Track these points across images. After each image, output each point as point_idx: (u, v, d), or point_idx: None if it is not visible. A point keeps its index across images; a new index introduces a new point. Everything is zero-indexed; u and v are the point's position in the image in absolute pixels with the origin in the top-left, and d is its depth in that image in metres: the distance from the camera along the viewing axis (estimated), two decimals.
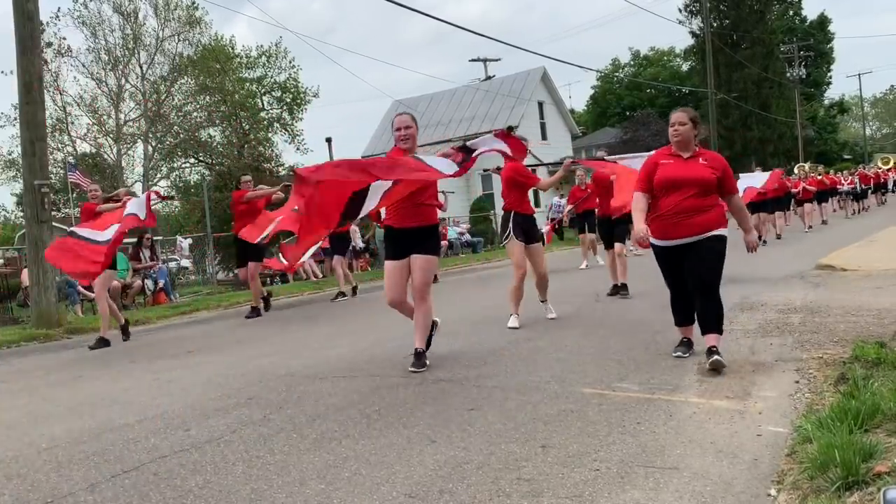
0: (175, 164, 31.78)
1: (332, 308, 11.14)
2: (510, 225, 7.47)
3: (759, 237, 16.16)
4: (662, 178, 5.15)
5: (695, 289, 5.13)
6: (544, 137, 36.19)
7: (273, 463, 3.69)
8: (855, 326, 6.07)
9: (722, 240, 5.09)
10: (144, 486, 3.48)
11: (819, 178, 22.25)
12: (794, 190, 20.38)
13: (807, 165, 25.39)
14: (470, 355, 6.08)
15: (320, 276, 17.54)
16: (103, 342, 8.48)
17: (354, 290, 12.41)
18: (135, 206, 8.54)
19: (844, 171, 31.39)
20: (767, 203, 16.93)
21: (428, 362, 5.68)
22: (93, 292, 14.73)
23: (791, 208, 21.43)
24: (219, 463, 3.75)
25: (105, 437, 4.38)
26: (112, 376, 6.55)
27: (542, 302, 7.81)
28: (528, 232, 7.43)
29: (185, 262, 21.58)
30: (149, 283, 14.78)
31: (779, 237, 17.71)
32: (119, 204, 8.95)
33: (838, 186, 26.51)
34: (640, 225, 5.19)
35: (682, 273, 5.19)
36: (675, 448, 3.51)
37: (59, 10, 32.09)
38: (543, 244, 7.23)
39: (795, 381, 4.58)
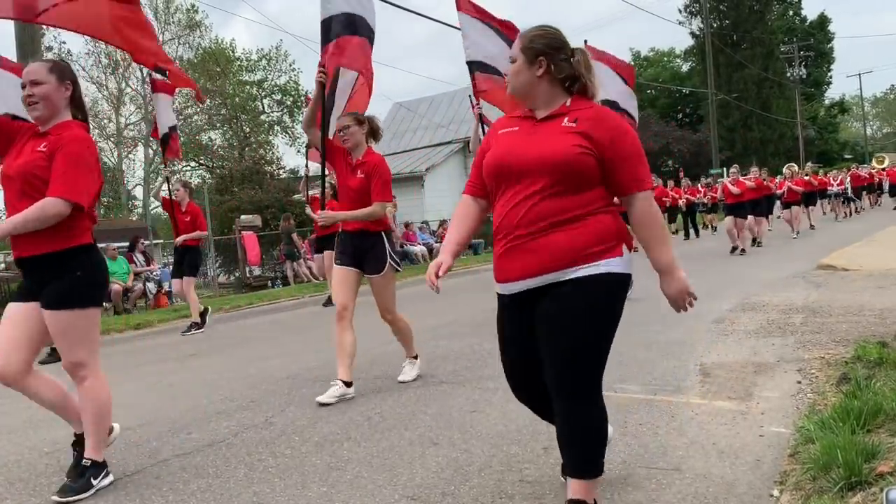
0: (176, 168, 31.83)
1: (332, 312, 11.12)
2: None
3: (737, 248, 14.50)
4: (489, 163, 2.74)
5: (549, 386, 2.67)
6: None
7: (275, 466, 3.69)
8: (857, 326, 6.06)
9: (610, 283, 2.58)
10: (146, 490, 3.48)
11: (806, 178, 20.70)
12: (778, 191, 19.01)
13: (802, 166, 24.81)
14: (471, 357, 6.08)
15: (321, 278, 17.54)
16: None
17: (204, 314, 9.95)
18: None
19: (833, 171, 29.30)
20: (744, 206, 15.08)
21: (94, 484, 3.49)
22: None
23: (774, 212, 20.03)
24: (221, 466, 3.75)
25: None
26: (113, 380, 6.52)
27: (409, 359, 5.55)
28: (363, 257, 5.13)
29: None
30: (150, 286, 14.80)
31: (756, 243, 16.04)
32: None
33: (828, 188, 24.79)
34: (443, 253, 2.84)
35: (535, 351, 2.71)
36: (677, 449, 3.51)
37: None
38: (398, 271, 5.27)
39: (797, 382, 4.58)
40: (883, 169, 33.24)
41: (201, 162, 31.51)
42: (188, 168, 32.49)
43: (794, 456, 3.26)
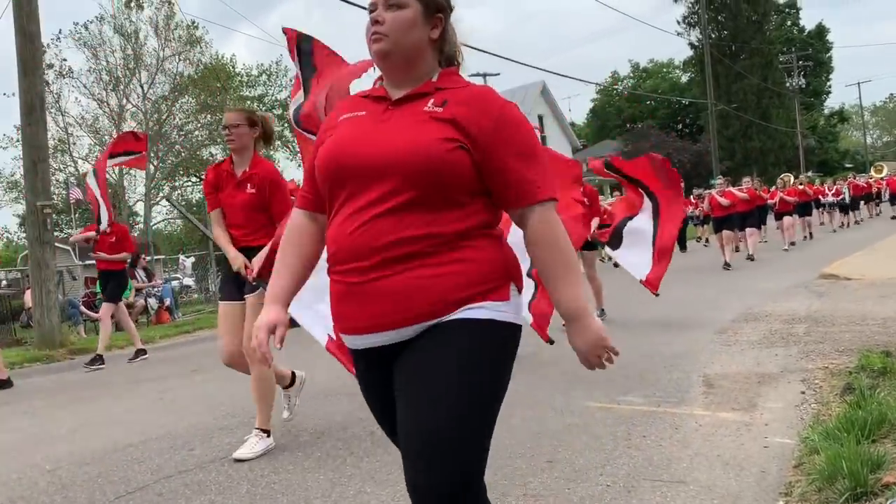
0: (177, 183, 31.92)
1: None
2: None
3: (729, 264, 13.32)
4: (321, 161, 1.93)
5: (407, 480, 1.85)
6: None
7: (277, 482, 3.67)
8: (860, 336, 6.04)
9: (493, 333, 1.84)
10: None
11: (801, 187, 19.60)
12: (770, 201, 18.21)
13: (799, 177, 24.21)
14: None
15: None
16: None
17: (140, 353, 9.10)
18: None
19: (829, 180, 27.76)
20: (733, 218, 14.23)
21: None
22: (96, 312, 14.78)
23: (769, 223, 19.23)
24: (223, 482, 3.73)
25: (109, 457, 4.36)
26: (115, 396, 6.54)
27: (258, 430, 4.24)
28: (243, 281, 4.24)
29: (188, 281, 21.67)
30: (152, 301, 14.81)
31: (748, 257, 14.87)
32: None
33: (822, 197, 23.46)
34: (271, 306, 1.98)
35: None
36: (681, 461, 3.49)
37: (60, 32, 32.28)
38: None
39: (801, 392, 4.56)
40: (882, 178, 31.99)
41: (202, 177, 31.59)
42: (189, 183, 32.56)
43: (799, 467, 3.25)
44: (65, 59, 29.86)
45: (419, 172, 1.75)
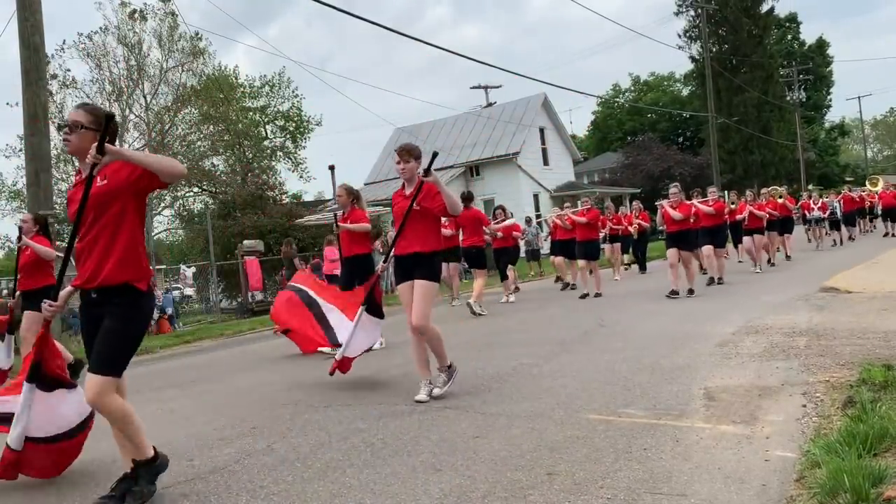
0: (179, 194, 31.98)
1: None
2: None
3: (677, 292, 11.28)
4: None
5: None
6: (546, 163, 36.35)
7: (277, 493, 3.66)
8: (861, 349, 6.03)
9: None
10: None
11: (780, 200, 17.38)
12: (739, 216, 15.85)
13: (802, 187, 22.92)
14: (473, 382, 6.05)
15: None
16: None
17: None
18: None
19: (814, 194, 24.92)
20: (688, 236, 11.89)
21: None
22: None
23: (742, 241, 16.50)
24: (223, 493, 3.72)
25: (107, 468, 4.35)
26: None
27: None
28: None
29: (189, 291, 21.68)
30: None
31: (717, 281, 13.00)
32: None
33: (807, 212, 21.65)
34: None
35: None
36: (682, 474, 3.48)
37: (64, 43, 32.43)
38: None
39: (802, 405, 4.55)
40: (875, 191, 28.48)
41: (204, 188, 31.63)
42: (191, 194, 32.63)
43: (800, 480, 3.23)
44: (68, 70, 29.97)
45: None
